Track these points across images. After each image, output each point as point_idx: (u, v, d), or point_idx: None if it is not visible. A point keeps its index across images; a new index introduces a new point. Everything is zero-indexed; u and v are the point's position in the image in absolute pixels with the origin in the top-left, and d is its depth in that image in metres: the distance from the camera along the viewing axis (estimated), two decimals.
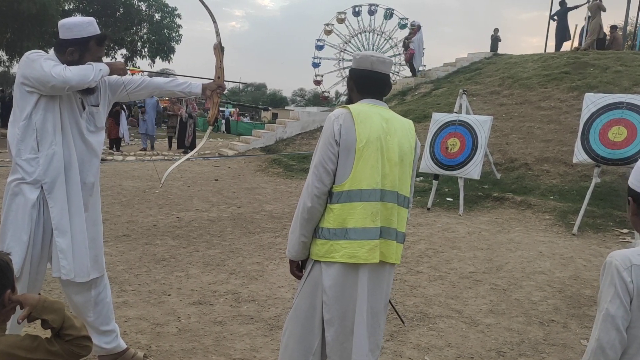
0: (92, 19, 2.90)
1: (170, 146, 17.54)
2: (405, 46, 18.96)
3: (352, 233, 2.31)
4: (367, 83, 2.50)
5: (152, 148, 17.00)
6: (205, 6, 3.37)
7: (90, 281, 2.95)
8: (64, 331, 1.72)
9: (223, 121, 30.92)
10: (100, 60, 2.87)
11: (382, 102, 2.52)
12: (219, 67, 3.34)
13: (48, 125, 2.76)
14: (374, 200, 2.32)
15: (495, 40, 20.09)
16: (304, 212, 2.37)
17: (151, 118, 17.06)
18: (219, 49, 3.34)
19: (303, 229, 2.39)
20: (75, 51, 2.80)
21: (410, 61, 18.38)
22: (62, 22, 2.84)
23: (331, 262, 2.34)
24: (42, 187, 2.77)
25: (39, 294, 1.81)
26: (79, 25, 2.82)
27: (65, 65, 2.71)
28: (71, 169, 2.84)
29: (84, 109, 2.90)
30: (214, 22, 3.35)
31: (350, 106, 2.39)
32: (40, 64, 2.65)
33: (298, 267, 2.54)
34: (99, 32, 2.88)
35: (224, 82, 3.35)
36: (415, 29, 18.36)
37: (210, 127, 3.58)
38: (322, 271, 2.37)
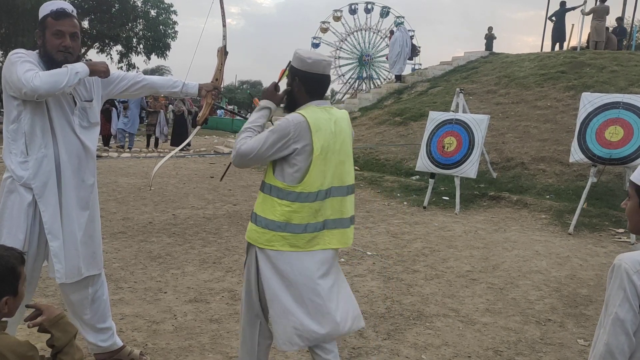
0: (54, 1, 2.75)
1: (148, 145, 16.69)
2: None
3: (295, 227, 2.50)
4: (318, 86, 2.61)
5: (131, 146, 16.21)
6: (222, 10, 3.38)
7: (87, 279, 2.91)
8: (61, 355, 1.72)
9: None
10: (63, 35, 2.70)
11: (326, 102, 2.67)
12: (219, 70, 3.30)
13: (36, 129, 2.69)
14: (319, 200, 2.52)
15: (490, 38, 20.03)
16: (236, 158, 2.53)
17: (134, 115, 16.44)
18: (223, 53, 3.31)
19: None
20: (38, 33, 2.74)
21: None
22: None
23: (276, 250, 2.51)
24: (32, 190, 2.71)
25: (65, 310, 1.82)
26: (41, 8, 2.75)
27: (37, 71, 2.58)
28: (64, 170, 2.78)
29: (75, 104, 2.82)
30: (224, 25, 3.35)
31: (305, 115, 2.48)
32: (16, 68, 2.57)
33: None
34: (59, 7, 2.72)
35: (221, 86, 3.30)
36: (390, 34, 18.20)
37: (198, 127, 3.54)
38: (267, 256, 2.53)
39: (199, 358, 3.35)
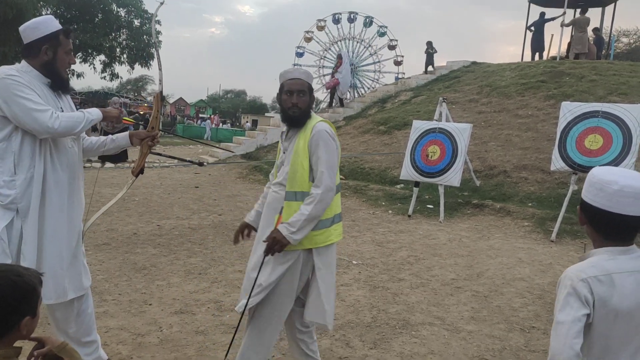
0: (51, 16, 2.82)
1: (126, 156, 16.33)
2: (332, 75, 18.37)
3: (337, 217, 2.95)
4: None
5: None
6: (157, 54, 3.43)
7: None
8: None
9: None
10: (70, 53, 2.79)
11: None
12: (155, 117, 3.20)
13: (26, 148, 2.65)
14: (339, 191, 2.97)
15: (429, 55, 18.62)
16: (323, 208, 2.79)
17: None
18: (159, 98, 3.20)
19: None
20: (48, 48, 2.72)
21: (332, 90, 17.56)
22: (24, 26, 2.76)
23: (328, 245, 2.90)
24: (17, 210, 2.65)
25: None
26: (43, 22, 2.75)
27: (52, 110, 2.61)
28: (51, 191, 2.73)
29: None
30: (160, 69, 3.27)
31: (328, 121, 2.94)
32: (24, 105, 2.56)
33: None
34: (61, 26, 2.80)
35: (157, 134, 3.18)
36: (340, 60, 17.71)
37: (134, 178, 3.34)
38: (315, 255, 2.88)
39: None
